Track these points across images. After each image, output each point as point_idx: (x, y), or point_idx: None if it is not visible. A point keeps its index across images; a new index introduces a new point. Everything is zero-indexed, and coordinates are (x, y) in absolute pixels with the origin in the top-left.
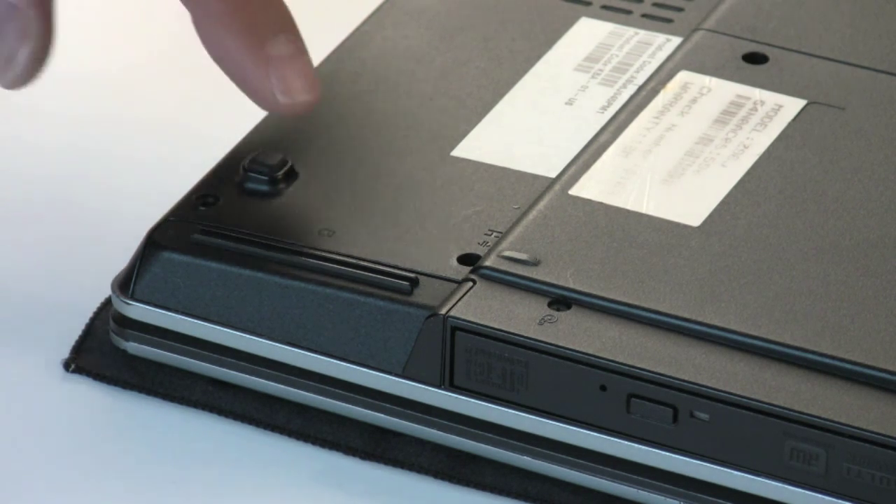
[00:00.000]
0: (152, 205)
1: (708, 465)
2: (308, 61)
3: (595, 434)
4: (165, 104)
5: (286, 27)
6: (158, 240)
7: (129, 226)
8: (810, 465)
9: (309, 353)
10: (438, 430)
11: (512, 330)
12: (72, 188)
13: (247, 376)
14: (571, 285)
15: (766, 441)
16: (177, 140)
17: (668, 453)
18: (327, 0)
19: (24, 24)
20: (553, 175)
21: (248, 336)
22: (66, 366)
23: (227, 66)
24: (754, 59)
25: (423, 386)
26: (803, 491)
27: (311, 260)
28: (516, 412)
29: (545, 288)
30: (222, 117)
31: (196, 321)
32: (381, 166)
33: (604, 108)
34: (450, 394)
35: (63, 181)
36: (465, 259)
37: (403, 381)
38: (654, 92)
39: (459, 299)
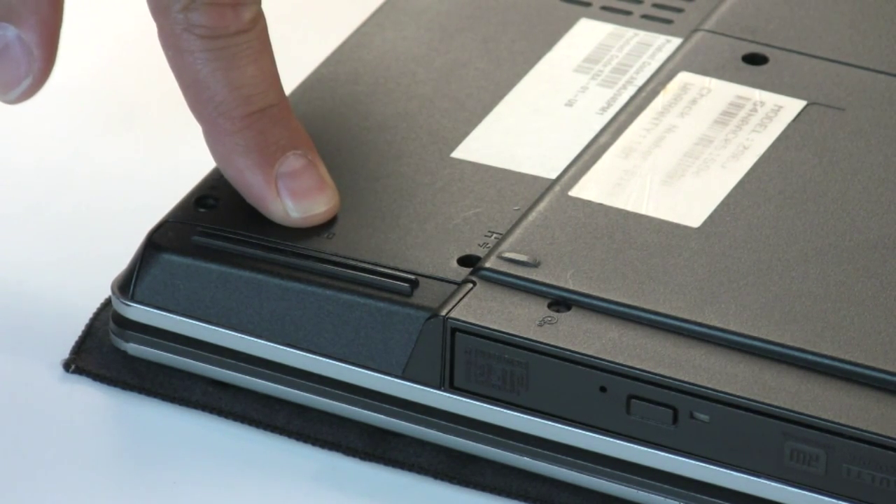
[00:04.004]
0: (152, 206)
1: (708, 466)
2: (320, 172)
3: (595, 435)
4: (166, 105)
5: (297, 142)
6: (158, 241)
7: (129, 227)
8: (810, 465)
9: (309, 355)
10: (438, 430)
11: (512, 331)
12: (72, 189)
13: (247, 377)
14: (571, 286)
15: (766, 442)
16: (177, 141)
17: (668, 454)
18: (327, 0)
19: (30, 60)
20: (553, 176)
21: (247, 337)
22: (66, 366)
23: (237, 185)
24: (754, 59)
25: (423, 387)
26: (803, 492)
27: (311, 262)
28: (516, 413)
29: (545, 289)
30: None
31: (196, 322)
32: (380, 168)
33: (604, 110)
34: (450, 395)
35: (63, 182)
36: (465, 260)
37: (403, 382)
38: (654, 93)
39: (459, 301)
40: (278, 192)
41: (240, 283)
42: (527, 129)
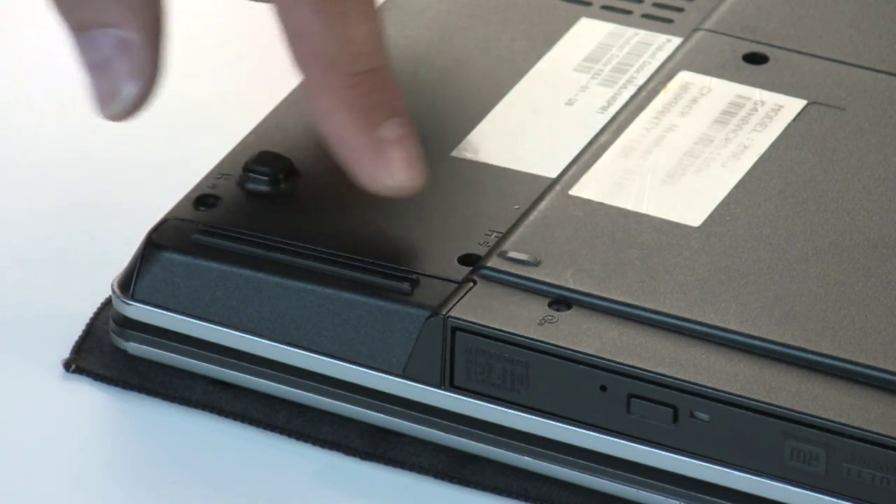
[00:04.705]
0: (152, 205)
1: (708, 465)
2: (416, 145)
3: (595, 434)
4: (166, 104)
5: (398, 110)
6: (158, 240)
7: (129, 226)
8: (810, 465)
9: (309, 354)
10: (438, 430)
11: (512, 330)
12: (72, 188)
13: (247, 376)
14: (572, 285)
15: (766, 441)
16: (177, 140)
17: (668, 453)
18: None
19: (134, 61)
20: (553, 175)
21: (248, 336)
22: (67, 366)
23: (336, 142)
24: (754, 59)
25: (423, 386)
26: (803, 491)
27: (311, 260)
28: (516, 412)
29: (545, 288)
30: (223, 117)
31: (196, 321)
32: None
33: (604, 109)
34: (450, 394)
35: (63, 181)
36: (466, 259)
37: (404, 381)
38: (655, 92)
39: (460, 299)
40: (376, 156)
41: (240, 281)
42: (527, 129)
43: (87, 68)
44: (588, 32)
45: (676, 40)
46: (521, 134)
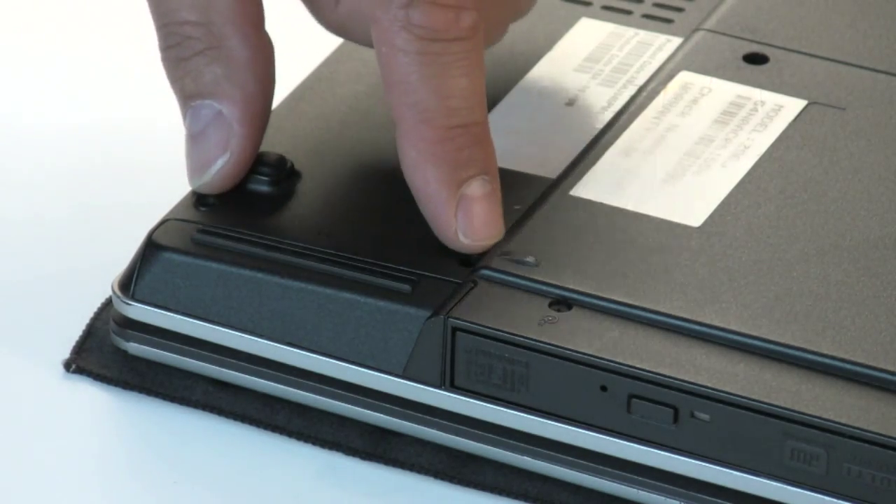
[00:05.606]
0: (152, 205)
1: (708, 465)
2: (497, 203)
3: (595, 434)
4: (167, 105)
5: (488, 167)
6: (159, 240)
7: (130, 226)
8: (810, 465)
9: (309, 354)
10: (439, 430)
11: (512, 330)
12: (72, 189)
13: (247, 377)
14: (572, 286)
15: (767, 441)
16: (177, 140)
17: (668, 453)
18: None
19: (227, 134)
20: (554, 176)
21: (248, 336)
22: (67, 366)
23: (419, 192)
24: (754, 59)
25: (423, 386)
26: (803, 491)
27: (311, 261)
28: (517, 412)
29: (546, 288)
30: None
31: (196, 321)
32: (381, 167)
33: (604, 109)
34: (450, 394)
35: (63, 182)
36: (466, 260)
37: (404, 381)
38: (655, 92)
39: (460, 300)
40: (456, 212)
41: (240, 281)
42: (527, 129)
43: (187, 138)
44: (588, 32)
45: (676, 40)
46: (521, 134)
